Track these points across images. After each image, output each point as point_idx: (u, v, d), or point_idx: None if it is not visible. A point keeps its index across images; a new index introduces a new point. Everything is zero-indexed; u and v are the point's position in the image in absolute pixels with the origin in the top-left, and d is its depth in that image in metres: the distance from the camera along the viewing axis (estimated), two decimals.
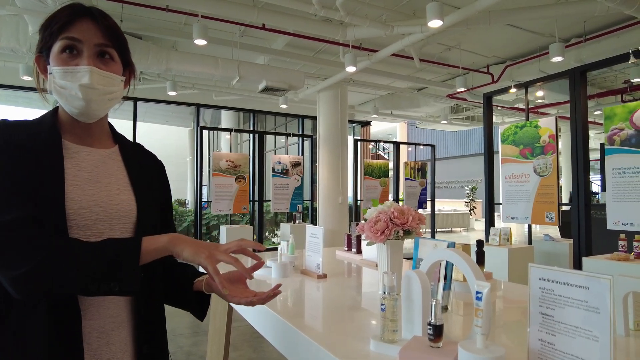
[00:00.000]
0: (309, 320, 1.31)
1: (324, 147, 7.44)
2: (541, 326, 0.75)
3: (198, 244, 0.82)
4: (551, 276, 0.74)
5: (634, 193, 3.08)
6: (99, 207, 0.86)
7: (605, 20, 5.34)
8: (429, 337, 0.80)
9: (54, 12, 0.88)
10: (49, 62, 0.86)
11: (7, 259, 0.72)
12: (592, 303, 0.68)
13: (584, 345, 0.68)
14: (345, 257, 2.41)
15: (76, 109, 0.87)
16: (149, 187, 0.99)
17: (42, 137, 0.85)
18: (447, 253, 0.93)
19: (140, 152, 1.06)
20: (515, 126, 4.13)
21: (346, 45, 5.64)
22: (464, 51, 6.55)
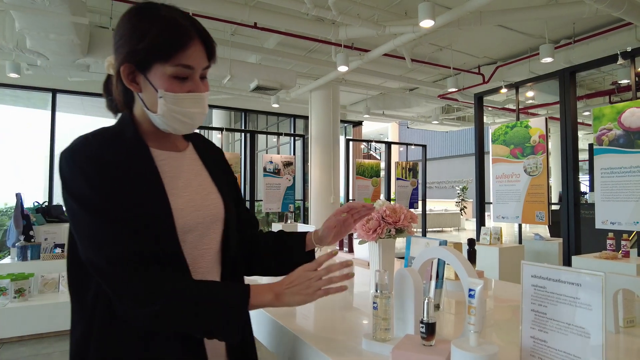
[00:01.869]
0: (301, 319, 1.30)
1: (316, 146, 7.43)
2: (533, 323, 0.75)
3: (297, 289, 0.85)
4: (544, 273, 0.74)
5: (621, 193, 3.12)
6: (197, 211, 0.89)
7: (594, 22, 5.40)
8: (422, 335, 0.80)
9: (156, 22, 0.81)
10: (149, 78, 0.82)
11: (129, 296, 0.76)
12: (584, 300, 0.68)
13: (576, 342, 0.68)
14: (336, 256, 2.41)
15: (181, 129, 0.88)
16: (224, 180, 1.01)
17: (132, 151, 0.85)
18: (440, 251, 0.93)
19: (204, 143, 1.06)
20: (506, 126, 4.16)
21: (338, 44, 5.64)
22: (455, 51, 6.59)
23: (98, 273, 0.77)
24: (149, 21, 0.82)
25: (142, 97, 0.86)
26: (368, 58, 5.79)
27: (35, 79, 6.89)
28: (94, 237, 0.77)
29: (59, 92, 7.31)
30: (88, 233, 0.78)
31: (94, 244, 0.77)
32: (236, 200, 1.05)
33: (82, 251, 0.79)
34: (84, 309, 0.82)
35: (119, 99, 0.89)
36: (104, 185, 0.78)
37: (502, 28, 5.72)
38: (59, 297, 3.79)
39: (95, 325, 0.80)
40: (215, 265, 0.94)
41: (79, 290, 0.84)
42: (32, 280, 3.82)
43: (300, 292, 0.84)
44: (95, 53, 4.97)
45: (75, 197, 0.78)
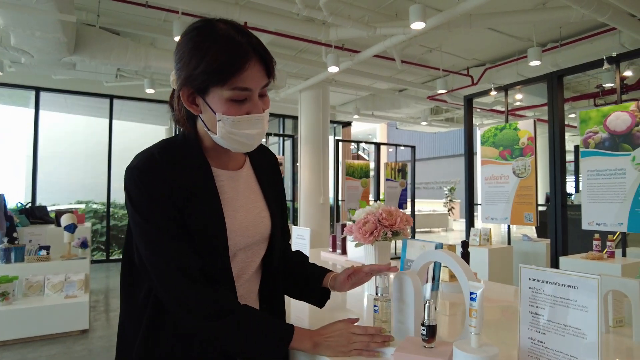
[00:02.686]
0: (296, 322, 1.30)
1: (306, 147, 7.43)
2: (531, 325, 0.77)
3: (335, 343, 0.89)
4: (541, 276, 0.76)
5: (607, 194, 3.19)
6: (248, 231, 0.92)
7: (580, 26, 5.51)
8: (423, 338, 0.81)
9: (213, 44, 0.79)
10: (207, 101, 0.83)
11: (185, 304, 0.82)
12: (580, 302, 0.70)
13: (572, 343, 0.70)
14: (330, 259, 2.42)
15: (240, 149, 0.89)
16: (274, 195, 1.03)
17: (196, 171, 0.88)
18: (439, 254, 0.94)
19: (260, 153, 1.06)
20: (495, 128, 4.22)
21: (328, 45, 5.65)
22: (445, 53, 6.65)
23: (159, 277, 0.82)
24: (205, 43, 0.80)
25: (202, 117, 0.86)
26: (358, 59, 5.81)
27: (18, 76, 6.76)
28: (159, 247, 0.83)
29: (43, 90, 7.18)
30: (154, 243, 0.83)
31: (159, 252, 0.83)
32: (281, 212, 1.07)
33: (145, 256, 0.83)
34: (135, 311, 0.87)
35: (182, 116, 0.90)
36: (166, 203, 0.83)
37: (491, 31, 5.79)
38: (44, 301, 3.73)
39: (143, 326, 0.85)
40: (257, 275, 0.98)
41: (130, 293, 0.89)
42: (16, 284, 3.75)
43: (336, 346, 0.88)
44: (81, 51, 4.90)
45: (142, 214, 0.83)
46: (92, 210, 8.45)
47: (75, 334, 3.77)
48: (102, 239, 7.93)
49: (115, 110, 7.76)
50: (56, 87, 7.17)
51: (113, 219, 7.92)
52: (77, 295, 3.94)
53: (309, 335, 0.89)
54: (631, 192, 3.06)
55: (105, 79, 6.99)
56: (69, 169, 10.13)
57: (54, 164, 9.70)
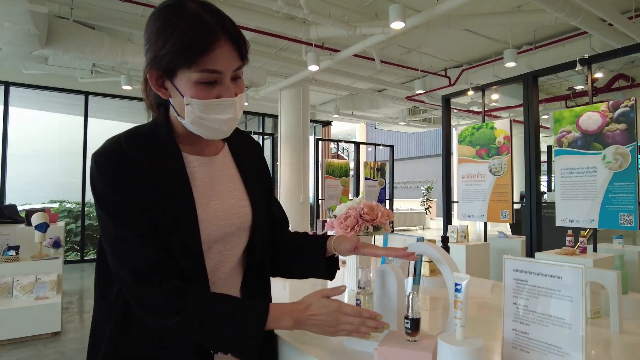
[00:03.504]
0: None
1: (286, 146, 7.40)
2: (515, 316, 0.76)
3: (321, 323, 0.81)
4: (525, 267, 0.76)
5: (580, 192, 3.28)
6: (224, 221, 0.86)
7: (554, 30, 5.66)
8: (406, 331, 0.80)
9: (179, 23, 0.75)
10: (175, 84, 0.78)
11: (150, 309, 0.78)
12: (564, 292, 0.70)
13: (557, 333, 0.70)
14: None
15: (211, 135, 0.83)
16: (257, 183, 0.97)
17: (164, 156, 0.83)
18: (422, 247, 0.93)
19: (241, 140, 1.01)
20: (472, 127, 4.28)
21: (309, 44, 5.63)
22: (423, 54, 6.73)
23: (122, 285, 0.79)
24: (172, 22, 0.75)
25: (172, 102, 0.82)
26: (338, 58, 5.81)
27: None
28: (118, 247, 0.78)
29: (13, 85, 6.91)
30: (112, 242, 0.78)
31: (118, 256, 0.78)
32: (268, 201, 1.02)
33: (109, 260, 0.80)
34: (106, 307, 0.84)
35: (152, 102, 0.87)
36: (132, 193, 0.78)
37: (469, 32, 5.89)
38: (12, 303, 3.57)
39: (112, 323, 0.82)
40: (238, 269, 0.93)
41: (103, 289, 0.85)
42: None
43: (323, 327, 0.81)
44: (54, 44, 4.73)
45: (101, 203, 0.78)
46: (66, 210, 8.18)
47: (46, 336, 3.63)
48: (77, 239, 7.69)
49: (91, 108, 7.53)
50: (27, 82, 6.90)
51: (88, 219, 7.69)
52: (49, 297, 3.80)
53: (289, 312, 0.81)
54: (602, 189, 3.16)
55: (80, 75, 6.77)
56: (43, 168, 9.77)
57: (26, 162, 9.34)
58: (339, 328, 0.81)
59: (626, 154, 3.05)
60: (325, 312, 0.80)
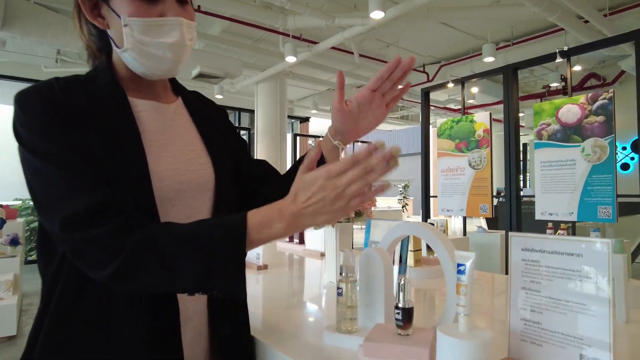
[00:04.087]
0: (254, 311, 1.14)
1: (262, 141, 7.21)
2: (524, 303, 0.65)
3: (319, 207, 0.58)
4: (537, 245, 0.64)
5: (559, 185, 3.26)
6: (179, 176, 0.71)
7: (531, 27, 5.70)
8: (397, 324, 0.67)
9: None
10: (112, 6, 0.67)
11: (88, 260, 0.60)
12: (586, 272, 0.59)
13: (577, 321, 0.59)
14: (286, 249, 2.26)
15: (160, 71, 0.69)
16: (220, 143, 0.82)
17: (105, 96, 0.69)
18: (413, 228, 0.81)
19: (201, 101, 0.88)
20: (452, 121, 4.23)
21: (286, 34, 5.47)
22: (402, 49, 6.68)
23: (56, 239, 0.64)
24: None
25: (111, 34, 0.69)
26: (317, 50, 5.68)
27: None
28: (47, 192, 0.61)
29: None
30: (41, 188, 0.62)
31: (48, 203, 0.61)
32: (239, 163, 0.86)
33: (41, 220, 0.64)
34: (45, 290, 0.67)
35: (92, 45, 0.74)
36: (69, 134, 0.62)
37: (447, 27, 5.86)
38: None
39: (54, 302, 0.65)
40: None
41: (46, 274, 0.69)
42: None
43: (324, 210, 0.58)
44: (11, 26, 4.40)
45: (25, 144, 0.62)
46: (31, 207, 7.75)
47: (1, 341, 3.37)
48: None
49: None
50: None
51: None
52: (4, 298, 3.53)
53: (279, 213, 0.60)
54: (581, 182, 3.14)
55: (44, 63, 6.40)
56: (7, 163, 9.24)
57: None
58: (345, 198, 0.57)
59: (604, 146, 3.04)
60: (317, 187, 0.58)
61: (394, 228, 0.85)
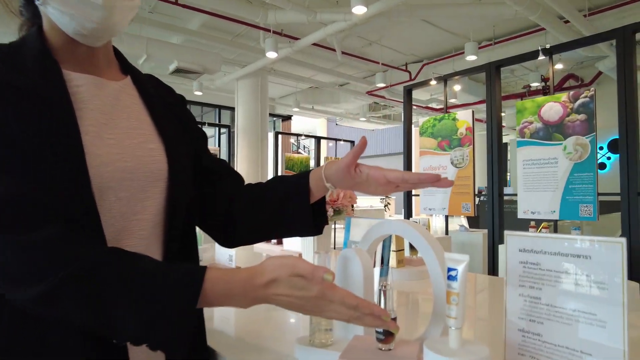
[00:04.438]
0: (219, 323, 1.03)
1: (243, 139, 7.07)
2: (523, 312, 0.57)
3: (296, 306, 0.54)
4: (537, 245, 0.56)
5: (541, 183, 3.24)
6: (124, 162, 0.60)
7: (513, 26, 5.72)
8: (378, 337, 0.58)
9: None
10: None
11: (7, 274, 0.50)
12: (597, 277, 0.50)
13: (584, 333, 0.51)
14: (263, 250, 2.15)
15: (91, 22, 0.58)
16: (176, 129, 0.71)
17: (32, 68, 0.57)
18: (397, 226, 0.72)
19: (156, 84, 0.76)
20: (434, 119, 4.19)
21: (267, 30, 5.36)
22: (384, 47, 6.63)
23: None
24: None
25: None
26: (298, 46, 5.58)
27: None
28: None
29: None
30: None
31: None
32: (199, 154, 0.76)
33: None
34: None
35: (19, 12, 0.65)
36: None
37: (430, 26, 5.84)
38: None
39: None
40: (154, 242, 0.64)
41: None
42: None
43: (298, 309, 0.54)
44: None
45: None
46: None
47: None
48: None
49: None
50: None
51: None
52: None
53: (242, 286, 0.53)
54: (562, 180, 3.12)
55: None
56: None
57: None
58: (324, 315, 0.54)
59: (586, 144, 3.03)
60: (301, 295, 0.52)
61: (375, 227, 0.76)
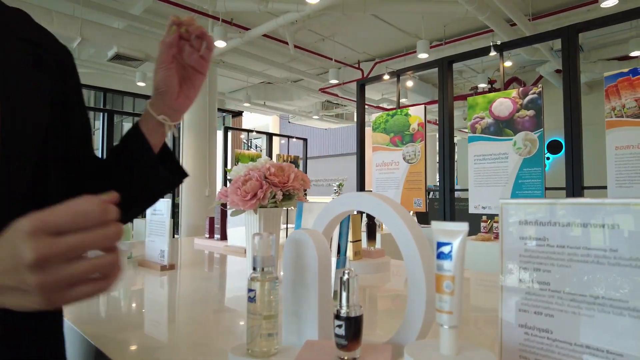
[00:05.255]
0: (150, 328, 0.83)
1: (189, 135, 6.70)
2: (525, 303, 0.44)
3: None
4: (544, 215, 0.43)
5: (491, 178, 3.26)
6: None
7: (462, 27, 5.84)
8: (339, 342, 0.43)
9: None
10: None
11: None
12: (625, 251, 0.38)
13: (612, 327, 0.38)
14: (205, 246, 1.95)
15: None
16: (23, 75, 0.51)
17: None
18: (361, 199, 0.57)
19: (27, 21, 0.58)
20: (387, 114, 4.14)
21: (216, 18, 5.08)
22: (337, 44, 6.56)
23: None
24: None
25: None
26: (249, 36, 5.35)
27: None
28: None
29: None
30: None
31: None
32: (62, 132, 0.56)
33: None
34: None
35: None
36: None
37: (382, 23, 5.83)
38: None
39: None
40: None
41: None
42: None
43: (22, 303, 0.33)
44: None
45: None
46: None
47: None
48: None
49: None
50: None
51: None
52: None
53: None
54: (512, 175, 3.16)
55: None
56: None
57: None
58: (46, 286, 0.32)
59: (534, 140, 3.08)
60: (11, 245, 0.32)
61: (332, 204, 0.61)
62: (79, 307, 0.91)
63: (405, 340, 0.47)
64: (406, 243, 0.49)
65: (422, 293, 0.45)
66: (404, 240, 0.50)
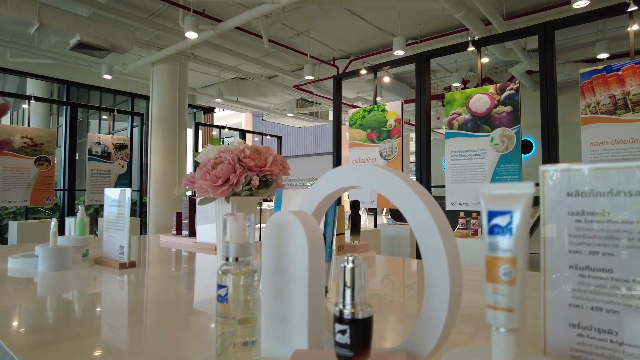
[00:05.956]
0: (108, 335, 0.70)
1: (158, 131, 6.42)
2: (578, 296, 0.34)
3: None
4: (600, 183, 0.33)
5: (468, 175, 3.24)
6: None
7: (438, 25, 5.85)
8: (342, 353, 0.32)
9: None
10: None
11: None
12: None
13: None
14: (172, 243, 1.80)
15: None
16: None
17: None
18: (360, 171, 0.46)
19: None
20: (364, 110, 4.07)
21: (187, 8, 4.87)
22: (313, 40, 6.45)
23: None
24: None
25: None
26: (221, 28, 5.16)
27: None
28: None
29: None
30: None
31: None
32: None
33: None
34: None
35: None
36: None
37: (358, 20, 5.76)
38: None
39: None
40: None
41: None
42: None
43: None
44: None
45: None
46: None
47: None
48: None
49: None
50: None
51: None
52: None
53: None
54: (489, 171, 3.14)
55: None
56: None
57: None
58: None
59: (512, 136, 3.07)
60: None
61: (325, 179, 0.50)
62: (4, 314, 0.76)
63: (422, 348, 0.36)
64: (424, 224, 0.39)
65: (445, 286, 0.35)
66: (421, 221, 0.39)
